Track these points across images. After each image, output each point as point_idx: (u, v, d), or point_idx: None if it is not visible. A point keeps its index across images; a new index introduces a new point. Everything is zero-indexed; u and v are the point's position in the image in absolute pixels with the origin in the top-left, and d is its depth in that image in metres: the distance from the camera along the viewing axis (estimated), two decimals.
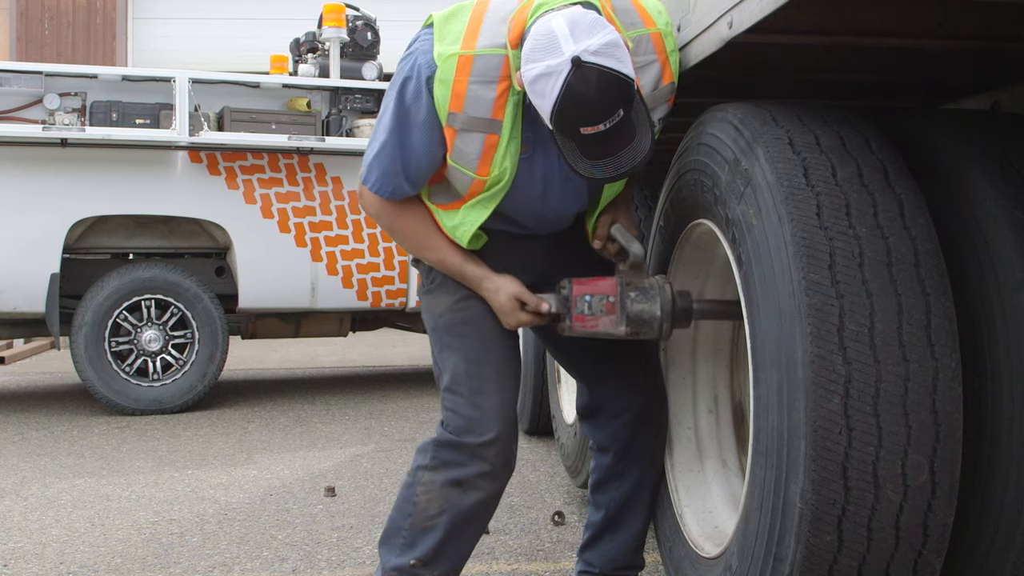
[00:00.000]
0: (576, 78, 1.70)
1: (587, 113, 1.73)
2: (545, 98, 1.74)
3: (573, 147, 1.79)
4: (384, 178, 2.02)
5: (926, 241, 1.62)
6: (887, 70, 2.07)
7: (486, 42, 1.87)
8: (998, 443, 1.61)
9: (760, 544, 1.70)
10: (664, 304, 2.01)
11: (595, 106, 1.72)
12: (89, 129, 5.48)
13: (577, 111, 1.73)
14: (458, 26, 1.89)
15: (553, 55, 1.72)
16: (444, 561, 2.08)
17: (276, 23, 11.28)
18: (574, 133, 1.76)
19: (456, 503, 2.04)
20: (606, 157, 1.79)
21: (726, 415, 2.43)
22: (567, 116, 1.74)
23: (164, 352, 5.77)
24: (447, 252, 2.07)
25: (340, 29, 6.27)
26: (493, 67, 1.86)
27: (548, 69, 1.72)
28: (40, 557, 3.04)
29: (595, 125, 1.73)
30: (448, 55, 1.86)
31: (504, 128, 1.91)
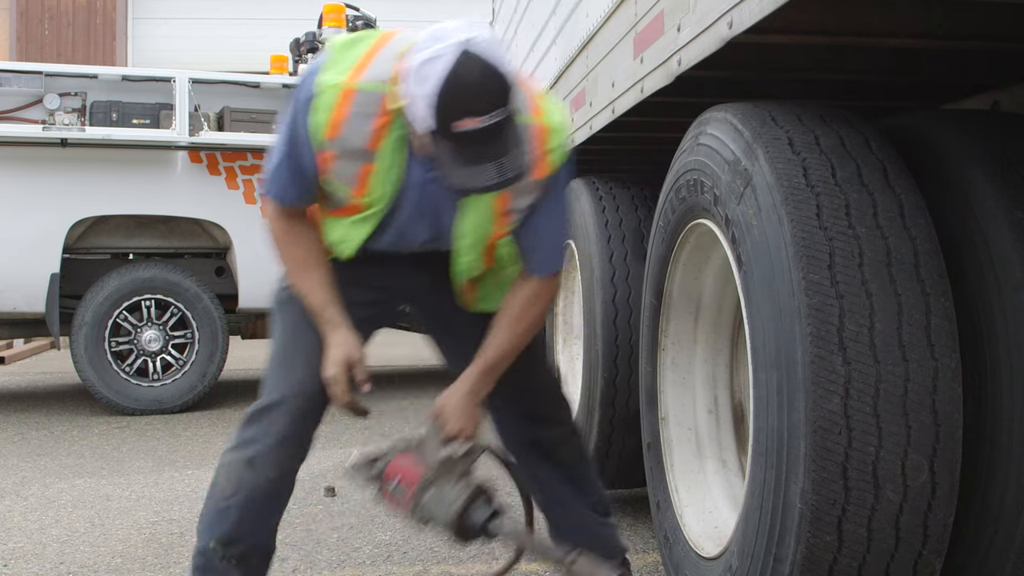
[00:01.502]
0: (462, 63, 1.68)
1: (468, 101, 1.68)
2: (428, 83, 1.69)
3: (450, 149, 1.73)
4: (281, 188, 2.03)
5: (926, 241, 1.62)
6: (887, 70, 2.07)
7: (371, 76, 1.86)
8: (998, 443, 1.61)
9: (760, 544, 1.70)
10: (452, 518, 2.01)
11: (477, 95, 1.68)
12: (89, 129, 5.48)
13: (460, 98, 1.68)
14: (352, 56, 1.89)
15: (442, 41, 1.71)
16: (242, 542, 2.10)
17: (276, 23, 11.28)
18: (450, 130, 1.70)
19: (248, 482, 2.08)
20: (482, 163, 1.73)
21: (726, 415, 2.43)
22: (448, 102, 1.68)
23: (164, 352, 5.77)
24: (317, 287, 2.06)
25: (340, 29, 6.27)
26: (373, 102, 1.86)
27: (434, 53, 1.69)
28: (40, 557, 3.04)
29: (475, 117, 1.68)
30: (330, 85, 1.86)
31: (381, 157, 1.92)
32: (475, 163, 1.73)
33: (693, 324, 2.42)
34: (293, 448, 2.09)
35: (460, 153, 1.72)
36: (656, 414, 2.45)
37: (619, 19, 2.52)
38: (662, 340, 2.44)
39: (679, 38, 2.02)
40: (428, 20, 7.47)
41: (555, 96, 1.89)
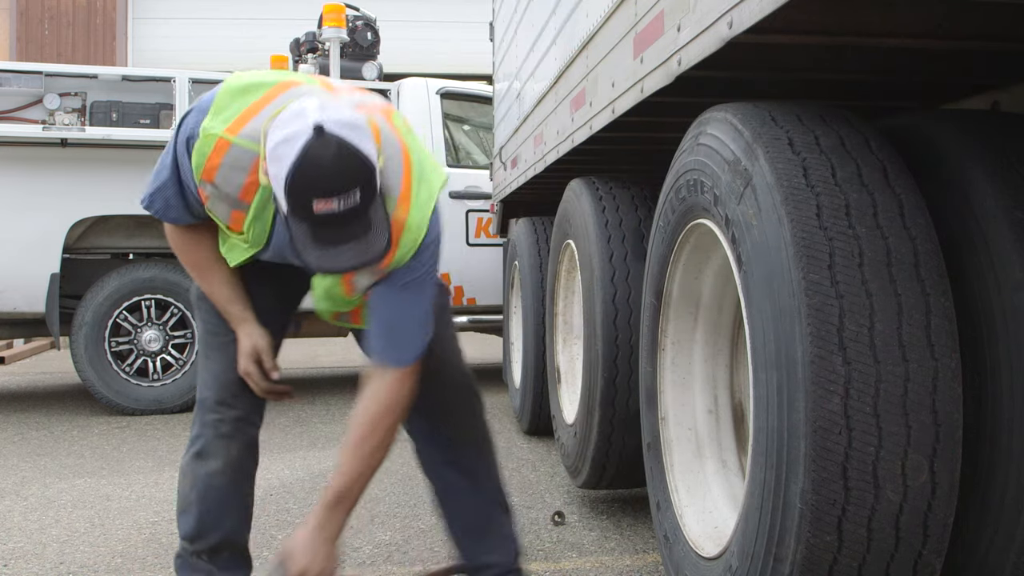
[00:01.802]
0: (316, 144, 1.66)
1: (322, 184, 1.65)
2: (282, 163, 1.67)
3: (304, 230, 1.70)
4: (164, 207, 2.06)
5: (926, 241, 1.62)
6: (887, 70, 2.07)
7: (249, 132, 1.85)
8: (998, 443, 1.61)
9: (760, 544, 1.70)
10: None
11: (331, 178, 1.66)
12: (89, 129, 5.48)
13: (312, 179, 1.66)
14: (238, 106, 1.88)
15: (296, 122, 1.69)
16: (208, 536, 2.17)
17: (276, 23, 11.29)
18: (307, 210, 1.67)
19: (201, 476, 2.16)
20: (337, 246, 1.71)
21: (726, 415, 2.43)
22: (300, 185, 1.66)
23: (164, 352, 5.77)
24: (217, 286, 2.16)
25: (340, 29, 6.28)
26: (247, 158, 1.86)
27: (289, 135, 1.68)
28: (40, 557, 3.04)
29: (328, 199, 1.65)
30: (210, 133, 1.87)
31: (251, 209, 1.96)
32: (330, 245, 1.71)
33: (693, 324, 2.42)
34: (233, 435, 2.17)
35: (314, 234, 1.70)
36: (656, 414, 2.45)
37: (619, 19, 2.52)
38: (662, 340, 2.44)
39: (679, 38, 2.02)
40: (428, 20, 7.60)
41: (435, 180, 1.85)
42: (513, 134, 4.76)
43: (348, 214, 1.68)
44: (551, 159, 3.57)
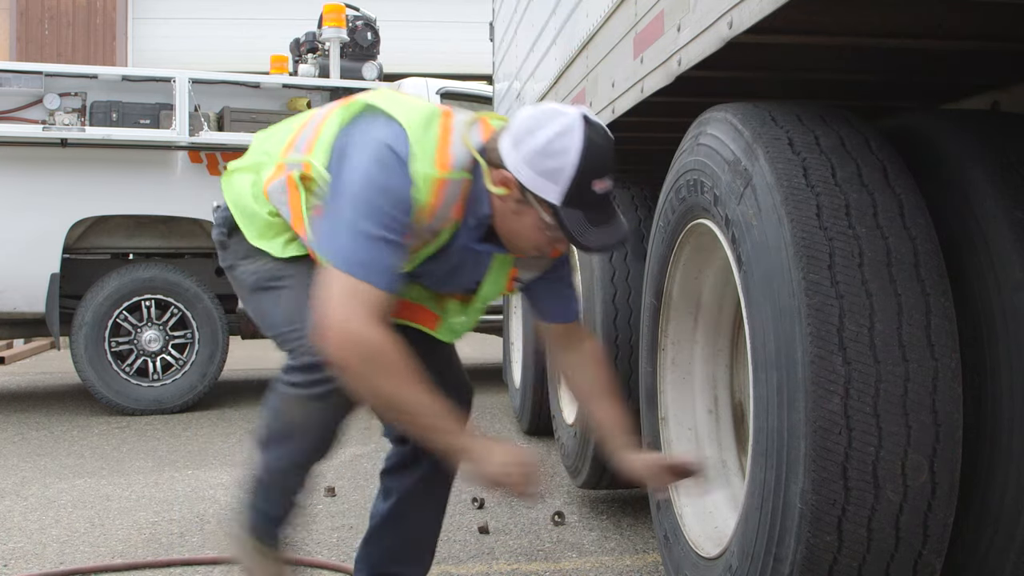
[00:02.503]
0: (590, 129, 1.81)
1: (603, 163, 1.82)
2: (565, 155, 1.79)
3: (579, 216, 1.83)
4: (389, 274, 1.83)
5: (926, 241, 1.62)
6: (887, 70, 2.07)
7: (456, 165, 1.89)
8: (998, 443, 1.61)
9: (760, 544, 1.70)
10: None
11: (607, 158, 1.83)
12: (89, 129, 5.48)
13: (596, 162, 1.81)
14: (431, 142, 1.88)
15: (560, 117, 1.82)
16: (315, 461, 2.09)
17: (276, 23, 11.29)
18: (586, 194, 1.81)
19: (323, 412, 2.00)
20: (607, 223, 1.86)
21: (726, 415, 2.43)
22: (587, 168, 1.80)
23: (164, 352, 5.77)
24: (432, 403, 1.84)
25: (340, 29, 6.27)
26: (456, 190, 1.90)
27: (564, 126, 1.81)
28: (40, 557, 3.04)
29: (604, 179, 1.83)
30: (425, 176, 1.84)
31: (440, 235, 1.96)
32: (603, 223, 1.86)
33: (693, 324, 2.42)
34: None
35: (590, 216, 1.84)
36: (656, 414, 2.45)
37: (619, 19, 2.52)
38: (662, 340, 2.44)
39: (679, 38, 2.02)
40: (428, 20, 7.60)
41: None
42: None
43: (611, 192, 1.87)
44: None
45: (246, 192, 2.09)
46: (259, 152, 2.13)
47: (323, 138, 1.97)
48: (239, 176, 2.13)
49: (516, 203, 1.88)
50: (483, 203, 1.92)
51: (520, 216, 1.89)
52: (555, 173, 1.81)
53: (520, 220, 1.90)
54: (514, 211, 1.89)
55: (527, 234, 1.92)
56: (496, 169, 1.88)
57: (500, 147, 1.87)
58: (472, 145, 1.90)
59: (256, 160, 2.12)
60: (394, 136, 1.86)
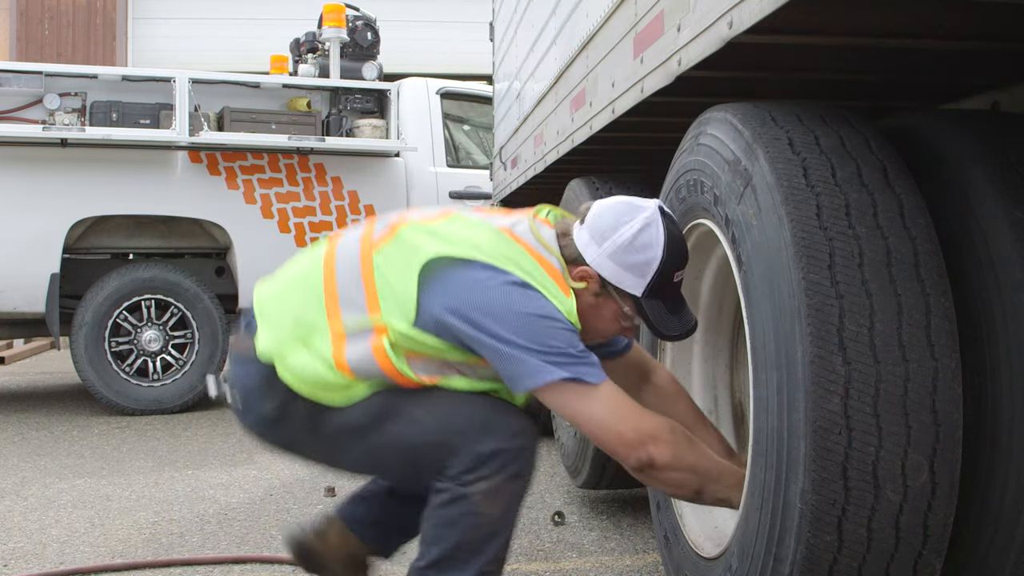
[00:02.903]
0: (669, 222, 1.90)
1: (684, 254, 1.91)
2: (652, 247, 1.86)
3: (660, 307, 1.91)
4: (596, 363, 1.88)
5: (926, 241, 1.62)
6: (887, 70, 2.07)
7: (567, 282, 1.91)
8: (998, 443, 1.61)
9: (760, 544, 1.70)
10: None
11: (685, 248, 1.93)
12: (89, 129, 5.48)
13: (678, 252, 1.89)
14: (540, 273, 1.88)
15: (640, 211, 1.89)
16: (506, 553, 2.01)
17: (276, 23, 11.28)
18: (668, 286, 1.89)
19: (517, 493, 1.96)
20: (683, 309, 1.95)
21: (726, 415, 2.43)
22: (671, 259, 1.87)
23: (164, 352, 5.77)
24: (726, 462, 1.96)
25: (340, 29, 6.27)
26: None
27: (646, 221, 1.88)
28: (40, 557, 3.04)
29: (682, 269, 1.91)
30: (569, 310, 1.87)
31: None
32: (680, 310, 1.95)
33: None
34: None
35: (668, 304, 1.92)
36: None
37: (619, 19, 2.51)
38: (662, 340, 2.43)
39: (679, 38, 2.02)
40: (428, 20, 7.61)
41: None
42: (513, 134, 4.76)
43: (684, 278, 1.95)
44: (551, 159, 3.57)
45: (313, 367, 1.91)
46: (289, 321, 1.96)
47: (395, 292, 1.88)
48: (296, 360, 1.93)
49: (594, 296, 1.92)
50: None
51: (597, 309, 1.93)
52: (641, 267, 1.87)
53: (597, 312, 1.94)
54: (591, 304, 1.93)
55: (602, 325, 1.96)
56: (574, 265, 1.92)
57: (577, 242, 1.93)
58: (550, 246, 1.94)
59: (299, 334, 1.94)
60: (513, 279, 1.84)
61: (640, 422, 1.85)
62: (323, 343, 1.91)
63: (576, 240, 1.93)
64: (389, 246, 1.93)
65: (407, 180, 6.27)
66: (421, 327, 1.86)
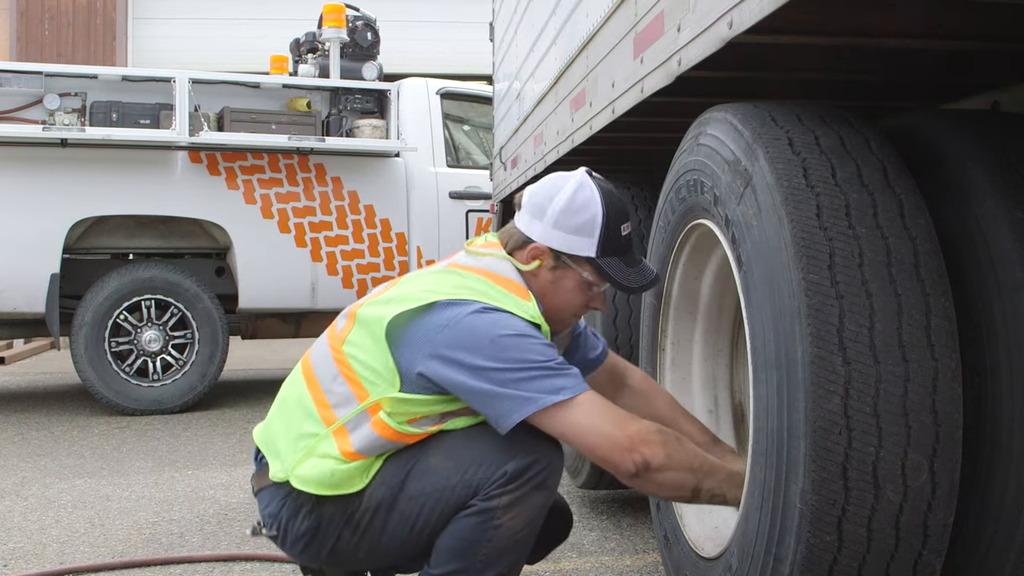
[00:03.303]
0: (599, 181, 1.93)
1: (623, 207, 1.94)
2: (591, 204, 1.89)
3: (617, 263, 1.93)
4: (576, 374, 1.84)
5: (926, 241, 1.62)
6: (887, 70, 2.07)
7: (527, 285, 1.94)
8: (998, 443, 1.61)
9: (760, 544, 1.70)
10: None
11: (623, 202, 1.96)
12: (89, 129, 5.48)
13: (617, 205, 1.92)
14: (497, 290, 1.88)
15: (569, 178, 1.93)
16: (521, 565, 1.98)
17: (276, 23, 11.28)
18: (617, 239, 1.91)
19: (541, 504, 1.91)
20: (640, 263, 1.97)
21: (726, 415, 2.43)
22: (612, 211, 1.90)
23: (164, 352, 5.77)
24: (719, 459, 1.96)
25: (340, 29, 6.27)
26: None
27: (578, 183, 1.91)
28: (40, 557, 3.04)
29: (628, 221, 1.93)
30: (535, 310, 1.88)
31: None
32: (639, 263, 1.97)
33: (693, 324, 2.42)
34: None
35: (625, 259, 1.94)
36: None
37: (619, 19, 2.51)
38: (662, 340, 2.44)
39: (679, 38, 2.02)
40: (428, 20, 7.60)
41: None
42: (513, 134, 4.76)
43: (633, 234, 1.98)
44: (551, 159, 3.57)
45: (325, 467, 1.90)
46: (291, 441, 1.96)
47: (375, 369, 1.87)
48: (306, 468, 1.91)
49: (551, 271, 1.94)
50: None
51: (557, 283, 1.95)
52: (586, 226, 1.89)
53: (558, 287, 1.95)
54: (551, 280, 1.95)
55: (568, 299, 1.97)
56: (521, 249, 1.94)
57: (520, 227, 1.96)
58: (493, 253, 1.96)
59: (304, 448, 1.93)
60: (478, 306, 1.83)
61: (629, 427, 1.80)
62: (328, 446, 1.90)
63: (519, 226, 1.97)
64: (353, 332, 1.92)
65: (407, 180, 6.27)
66: (409, 390, 1.85)
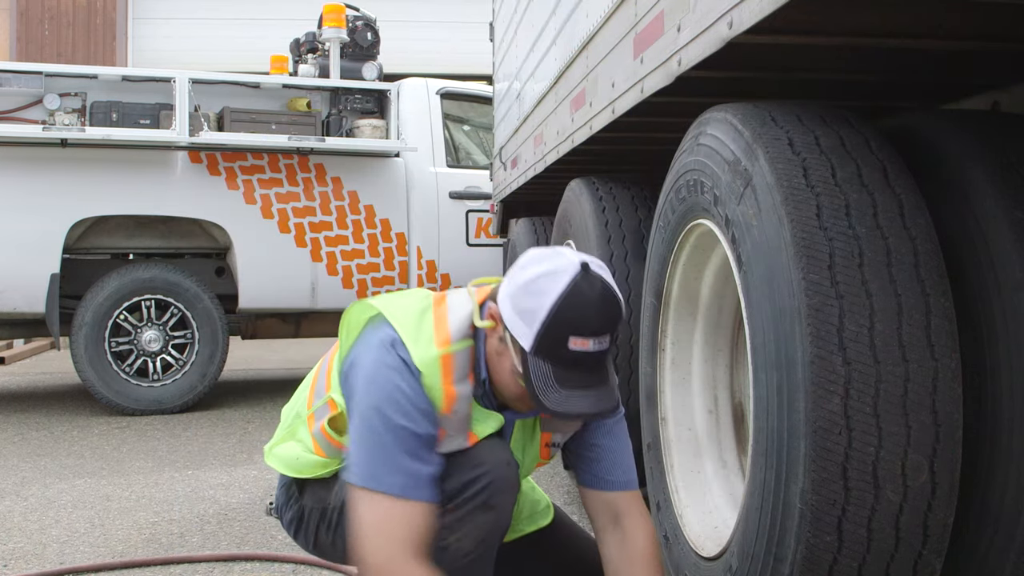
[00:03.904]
0: (582, 280, 1.65)
1: (584, 319, 1.64)
2: (543, 296, 1.64)
3: (547, 371, 1.65)
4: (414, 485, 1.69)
5: (926, 241, 1.62)
6: (887, 70, 2.07)
7: (456, 336, 1.77)
8: (998, 443, 1.61)
9: (760, 544, 1.70)
10: None
11: (593, 317, 1.64)
12: (89, 129, 5.48)
13: (574, 316, 1.64)
14: (427, 330, 1.77)
15: (559, 259, 1.69)
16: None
17: (276, 23, 11.28)
18: (557, 348, 1.64)
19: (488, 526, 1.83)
20: (580, 389, 1.66)
21: (726, 415, 2.43)
22: (561, 319, 1.63)
23: (164, 352, 5.77)
24: None
25: (340, 29, 6.27)
26: (464, 362, 1.77)
27: (554, 268, 1.67)
28: (40, 557, 3.04)
29: (585, 338, 1.64)
30: (431, 358, 1.73)
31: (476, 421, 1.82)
32: (574, 387, 1.66)
33: (693, 324, 2.42)
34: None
35: (557, 375, 1.66)
36: (656, 414, 2.45)
37: (619, 19, 2.52)
38: (662, 340, 2.44)
39: (679, 38, 2.02)
40: (428, 20, 7.63)
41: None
42: (513, 134, 4.76)
43: (597, 357, 1.66)
44: (551, 159, 3.57)
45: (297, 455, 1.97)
46: (289, 419, 2.08)
47: (334, 369, 1.90)
48: (281, 448, 2.01)
49: (499, 341, 1.75)
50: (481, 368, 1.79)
51: (500, 357, 1.76)
52: (530, 314, 1.66)
53: (500, 362, 1.77)
54: (496, 351, 1.76)
55: (505, 380, 1.77)
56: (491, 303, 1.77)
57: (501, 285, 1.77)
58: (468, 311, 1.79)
59: (289, 426, 2.05)
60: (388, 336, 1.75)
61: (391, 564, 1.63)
62: (302, 431, 1.99)
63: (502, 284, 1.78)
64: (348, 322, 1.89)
65: (407, 180, 6.27)
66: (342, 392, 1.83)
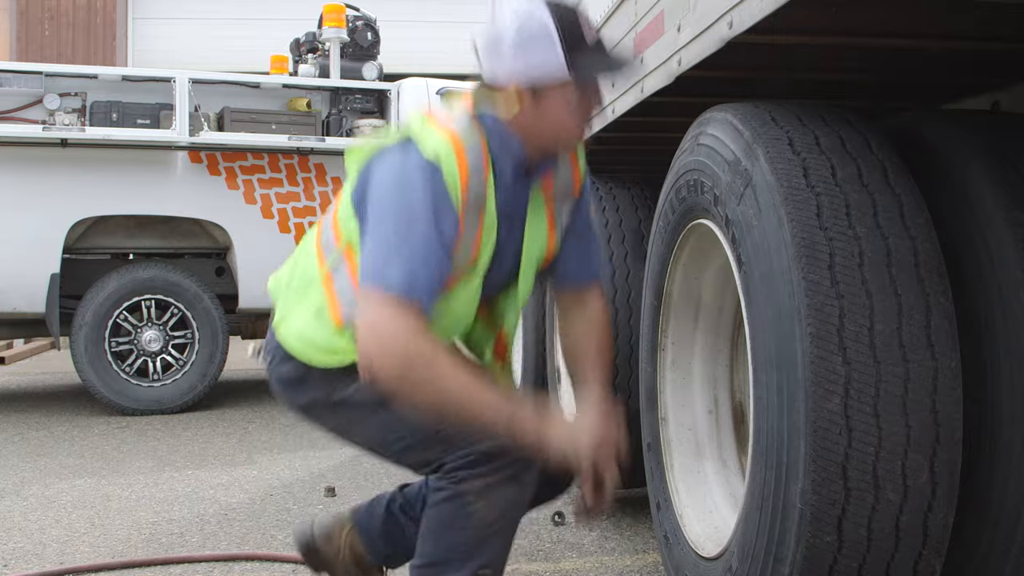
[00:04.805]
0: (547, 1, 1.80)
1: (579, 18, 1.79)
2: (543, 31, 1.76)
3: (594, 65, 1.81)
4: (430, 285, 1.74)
5: (926, 241, 1.62)
6: (887, 70, 2.07)
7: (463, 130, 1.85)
8: (998, 443, 1.61)
9: (760, 544, 1.70)
10: None
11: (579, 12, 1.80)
12: (89, 129, 5.48)
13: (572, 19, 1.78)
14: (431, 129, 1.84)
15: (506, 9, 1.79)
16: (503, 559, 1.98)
17: (276, 23, 11.29)
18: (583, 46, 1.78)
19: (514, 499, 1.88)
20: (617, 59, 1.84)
21: (726, 415, 2.43)
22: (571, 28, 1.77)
23: (164, 352, 5.77)
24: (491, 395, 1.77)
25: (340, 29, 6.28)
26: (477, 152, 1.84)
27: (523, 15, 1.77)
28: (40, 557, 3.04)
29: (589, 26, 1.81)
30: (444, 150, 1.80)
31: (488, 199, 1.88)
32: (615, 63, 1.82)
33: (693, 324, 2.42)
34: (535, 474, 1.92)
35: (601, 62, 1.81)
36: (656, 414, 2.45)
37: (619, 19, 2.52)
38: (662, 340, 2.44)
39: (679, 38, 2.02)
40: (428, 20, 7.63)
41: None
42: None
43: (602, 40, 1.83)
44: None
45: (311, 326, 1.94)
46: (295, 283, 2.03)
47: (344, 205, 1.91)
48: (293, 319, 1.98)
49: (534, 107, 1.82)
50: (509, 142, 1.86)
51: (545, 115, 1.83)
52: (545, 48, 1.76)
53: (548, 119, 1.83)
54: (537, 116, 1.83)
55: (561, 126, 1.85)
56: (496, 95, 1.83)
57: (486, 79, 1.84)
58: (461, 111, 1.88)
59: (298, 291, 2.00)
60: (402, 147, 1.82)
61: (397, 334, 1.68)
62: (317, 293, 1.96)
63: (485, 79, 1.85)
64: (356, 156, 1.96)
65: None
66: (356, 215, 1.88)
